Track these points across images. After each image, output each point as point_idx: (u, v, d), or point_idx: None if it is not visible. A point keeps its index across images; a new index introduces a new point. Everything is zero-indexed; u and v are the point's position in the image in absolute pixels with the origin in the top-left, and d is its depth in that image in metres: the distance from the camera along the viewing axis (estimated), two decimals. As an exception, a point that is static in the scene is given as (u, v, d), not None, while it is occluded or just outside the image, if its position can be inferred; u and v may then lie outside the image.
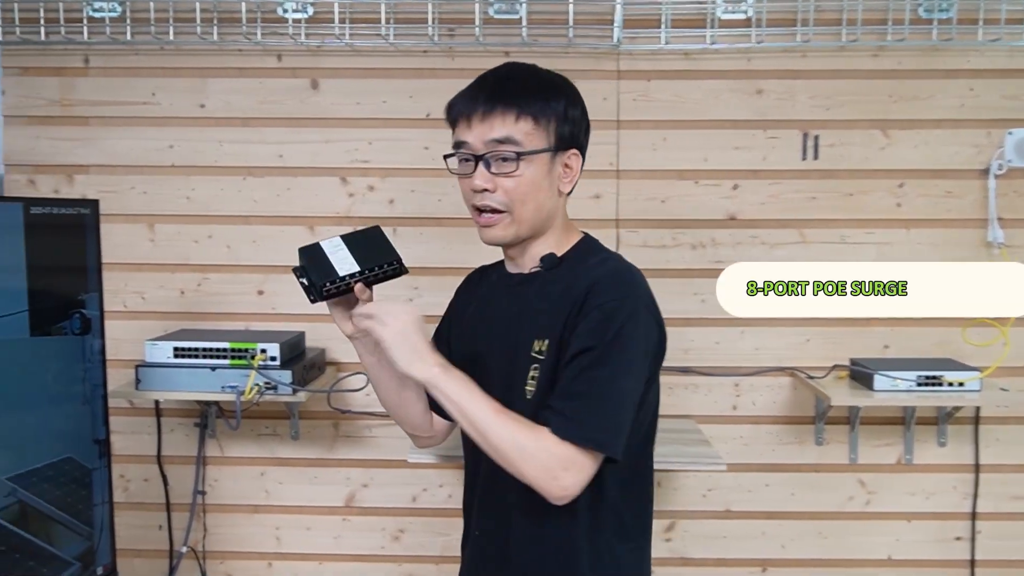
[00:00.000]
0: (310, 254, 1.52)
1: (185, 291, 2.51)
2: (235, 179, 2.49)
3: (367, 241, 1.57)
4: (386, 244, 1.57)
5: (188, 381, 2.19)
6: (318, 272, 1.49)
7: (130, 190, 2.50)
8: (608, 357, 1.41)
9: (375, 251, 1.54)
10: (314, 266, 1.50)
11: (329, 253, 1.53)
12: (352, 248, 1.54)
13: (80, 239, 1.95)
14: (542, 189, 1.49)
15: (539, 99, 1.48)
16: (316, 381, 2.33)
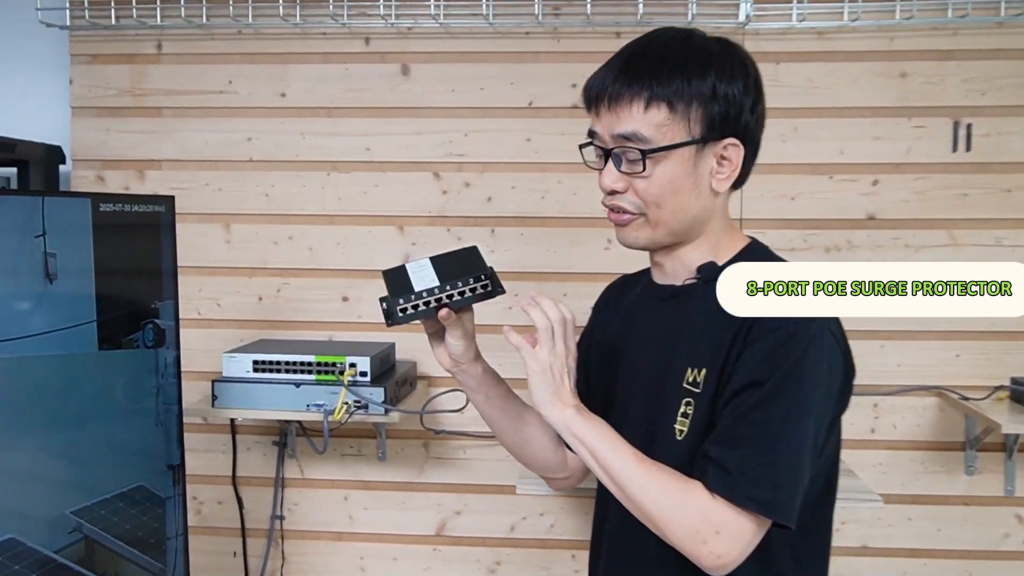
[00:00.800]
0: (392, 276, 1.37)
1: (263, 297, 2.30)
2: (318, 175, 2.27)
3: (457, 261, 1.39)
4: (478, 262, 1.37)
5: (270, 398, 1.97)
6: (394, 292, 1.32)
7: (204, 187, 2.29)
8: (782, 395, 1.15)
9: (462, 270, 1.35)
10: (393, 287, 1.34)
11: (411, 273, 1.36)
12: (439, 268, 1.36)
13: (154, 240, 1.74)
14: (683, 190, 1.24)
15: (677, 78, 1.21)
16: (408, 399, 2.11)
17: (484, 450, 2.28)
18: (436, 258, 1.38)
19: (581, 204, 2.21)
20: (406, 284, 1.33)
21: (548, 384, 1.25)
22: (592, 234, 2.22)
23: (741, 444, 1.15)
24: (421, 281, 1.33)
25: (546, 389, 1.25)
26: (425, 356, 2.24)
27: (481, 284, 1.33)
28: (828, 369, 1.18)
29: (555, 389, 1.25)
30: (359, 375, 1.97)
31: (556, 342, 1.26)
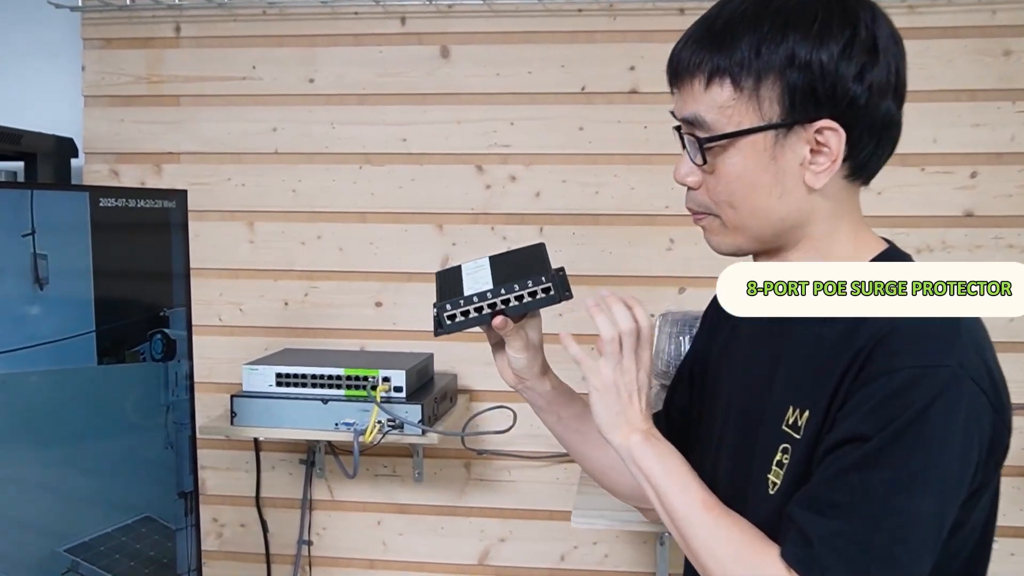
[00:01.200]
0: (445, 277, 1.21)
1: (290, 302, 2.10)
2: (350, 168, 2.07)
3: (520, 260, 1.20)
4: (542, 262, 1.18)
5: (294, 415, 1.77)
6: (444, 296, 1.15)
7: (226, 182, 2.10)
8: (889, 457, 0.89)
9: (523, 270, 1.16)
10: (444, 290, 1.18)
11: (466, 274, 1.20)
12: (497, 268, 1.19)
13: (164, 240, 1.54)
14: (760, 187, 0.98)
15: (743, 44, 0.95)
16: (447, 416, 1.89)
17: (532, 471, 2.06)
18: (497, 257, 1.21)
19: (640, 200, 1.99)
20: (458, 287, 1.15)
21: (612, 404, 1.06)
22: (652, 233, 1.99)
23: (831, 511, 0.90)
24: (475, 284, 1.15)
25: (609, 410, 1.06)
26: (467, 367, 2.04)
27: (542, 288, 1.13)
28: (964, 427, 0.90)
29: (620, 410, 1.06)
30: (393, 390, 1.77)
31: (625, 356, 1.06)
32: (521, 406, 1.99)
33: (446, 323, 1.13)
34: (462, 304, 1.12)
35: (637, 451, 1.04)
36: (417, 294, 2.05)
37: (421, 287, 2.04)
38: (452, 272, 1.20)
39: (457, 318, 1.13)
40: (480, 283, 1.14)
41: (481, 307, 1.12)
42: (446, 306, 1.13)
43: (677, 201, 1.81)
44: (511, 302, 1.12)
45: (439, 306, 1.13)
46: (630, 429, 1.05)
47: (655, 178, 1.98)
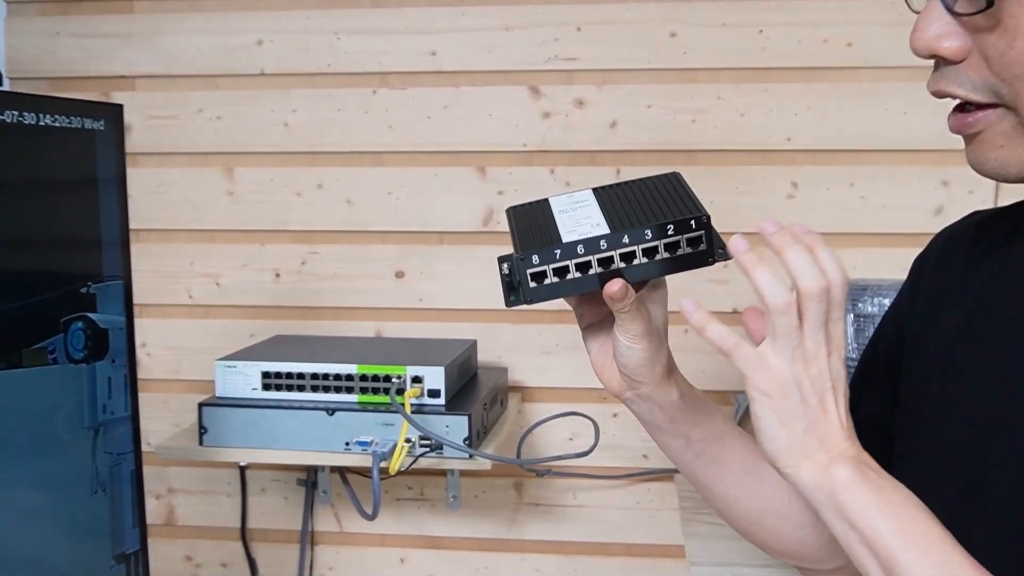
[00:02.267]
0: (524, 216, 0.83)
1: (282, 273, 1.59)
2: (360, 93, 1.55)
3: (642, 196, 0.81)
4: (682, 199, 0.79)
5: (288, 431, 1.26)
6: (527, 244, 0.77)
7: (197, 114, 1.58)
8: None
9: (650, 211, 0.78)
10: (525, 236, 0.79)
11: (559, 212, 0.82)
12: (609, 206, 0.80)
13: (88, 180, 1.03)
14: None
15: None
16: (498, 426, 1.39)
17: (604, 492, 1.56)
18: (605, 191, 0.82)
19: (753, 130, 1.47)
20: (548, 231, 0.78)
21: (793, 416, 0.68)
22: (770, 175, 1.47)
23: None
24: (575, 226, 0.78)
25: (790, 425, 0.68)
26: (518, 357, 1.53)
27: (689, 237, 0.75)
28: None
29: (809, 424, 0.68)
30: (427, 395, 1.26)
31: (809, 334, 0.68)
32: (601, 408, 1.58)
33: (529, 287, 0.76)
34: (558, 256, 0.75)
35: (845, 494, 0.66)
36: (451, 260, 1.54)
37: (456, 251, 1.53)
38: (536, 208, 0.82)
39: (548, 278, 0.75)
40: (587, 227, 0.77)
41: (588, 263, 0.75)
42: (533, 258, 0.75)
43: (803, 131, 1.28)
44: (636, 257, 0.75)
45: (522, 258, 0.75)
46: (828, 456, 0.67)
47: (773, 100, 1.46)
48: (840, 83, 1.45)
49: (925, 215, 1.44)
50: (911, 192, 1.45)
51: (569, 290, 0.76)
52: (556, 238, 0.75)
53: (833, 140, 1.45)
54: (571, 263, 0.74)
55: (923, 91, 0.71)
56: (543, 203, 0.82)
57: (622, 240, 0.74)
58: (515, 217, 0.82)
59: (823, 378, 0.67)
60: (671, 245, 0.74)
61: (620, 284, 0.73)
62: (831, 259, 0.67)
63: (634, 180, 0.81)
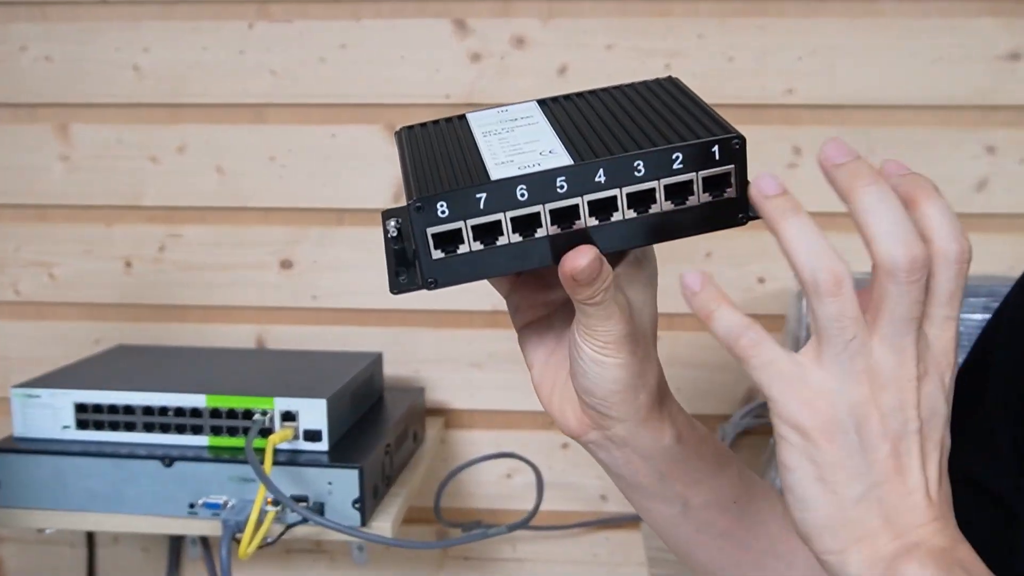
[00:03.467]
0: (427, 140, 0.51)
1: (134, 261, 1.22)
2: (232, 26, 1.18)
3: (628, 106, 0.51)
4: (694, 110, 0.49)
5: (110, 488, 0.91)
6: (428, 183, 0.46)
7: (19, 54, 1.20)
8: None
9: (647, 126, 0.47)
10: (424, 168, 0.48)
11: (484, 135, 0.50)
12: (569, 124, 0.50)
13: None
14: None
15: None
16: (410, 468, 1.04)
17: (550, 544, 1.23)
18: (557, 103, 0.54)
19: (744, 78, 1.14)
20: (466, 161, 0.48)
21: (843, 471, 0.41)
22: (768, 136, 1.15)
23: None
24: (512, 154, 0.48)
25: (834, 485, 0.41)
26: (441, 370, 1.19)
27: (708, 176, 0.46)
28: None
29: (868, 490, 0.41)
30: (303, 437, 0.91)
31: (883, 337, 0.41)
32: (548, 438, 1.23)
33: (432, 257, 0.47)
34: (483, 203, 0.46)
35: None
36: (353, 245, 1.19)
37: (359, 235, 1.18)
38: (446, 130, 0.53)
39: (464, 244, 0.47)
40: (530, 154, 0.48)
41: (535, 217, 0.46)
42: (438, 207, 0.46)
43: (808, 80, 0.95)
44: (617, 209, 0.47)
45: (418, 205, 0.46)
46: (897, 543, 0.40)
47: (770, 40, 1.12)
48: (855, 19, 1.11)
49: (964, 191, 1.11)
50: (946, 161, 1.12)
51: (501, 266, 0.47)
52: (479, 172, 0.46)
53: (846, 93, 1.12)
54: (505, 217, 0.46)
55: (961, 29, 0.42)
56: (458, 121, 0.53)
57: (594, 178, 0.45)
58: (409, 144, 0.52)
59: (905, 414, 0.41)
60: (677, 189, 0.46)
61: (590, 255, 0.45)
62: (943, 216, 0.41)
63: (604, 88, 0.54)
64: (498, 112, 0.53)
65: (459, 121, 0.53)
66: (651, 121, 0.48)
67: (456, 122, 0.53)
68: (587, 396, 0.50)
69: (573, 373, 0.50)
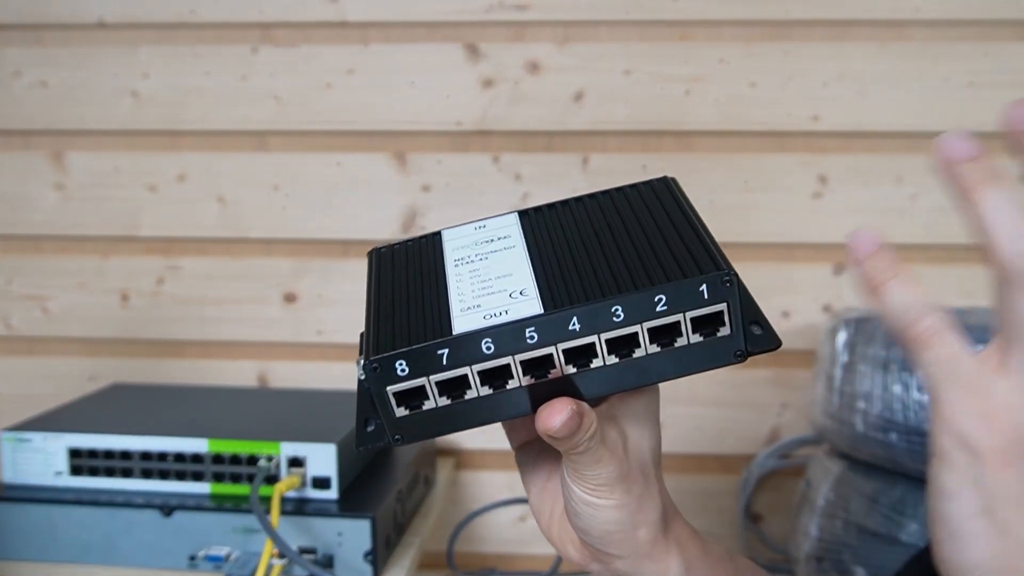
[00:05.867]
0: (394, 270, 0.50)
1: (132, 294, 1.17)
2: (235, 51, 1.14)
3: (612, 223, 0.47)
4: (685, 230, 0.45)
5: (106, 539, 0.85)
6: (387, 333, 0.43)
7: (13, 79, 1.16)
8: None
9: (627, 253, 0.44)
10: (386, 311, 0.45)
11: (455, 263, 0.48)
12: (547, 246, 0.47)
13: None
14: None
15: None
16: (421, 514, 0.99)
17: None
18: (537, 214, 0.50)
19: (767, 105, 1.09)
20: (430, 304, 0.45)
21: (1022, 509, 0.34)
22: (792, 165, 1.10)
23: None
24: (481, 293, 0.44)
25: (1006, 527, 0.34)
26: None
27: (696, 317, 0.42)
28: None
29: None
30: (311, 485, 0.85)
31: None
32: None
33: (396, 415, 0.44)
34: (445, 360, 0.42)
35: None
36: (358, 278, 1.13)
37: (366, 266, 1.12)
38: (417, 252, 0.51)
39: (429, 399, 0.43)
40: (500, 295, 0.44)
41: (505, 370, 0.43)
42: (397, 365, 0.42)
43: (834, 107, 0.90)
44: (596, 356, 0.43)
45: (375, 365, 0.42)
46: None
47: (795, 65, 1.08)
48: (884, 43, 1.07)
49: (998, 221, 1.07)
50: (979, 190, 1.07)
51: (472, 419, 0.44)
52: (442, 322, 0.43)
53: (874, 120, 1.08)
54: (471, 371, 0.42)
55: (994, 55, 0.39)
56: (431, 241, 0.51)
57: (568, 326, 0.42)
58: (378, 272, 0.50)
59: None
60: (663, 331, 0.42)
61: (564, 413, 0.41)
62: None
63: (591, 195, 0.50)
64: (475, 230, 0.50)
65: (433, 241, 0.50)
66: (636, 247, 0.44)
67: (430, 242, 0.50)
68: (582, 535, 0.46)
69: (567, 510, 0.46)
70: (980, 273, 0.53)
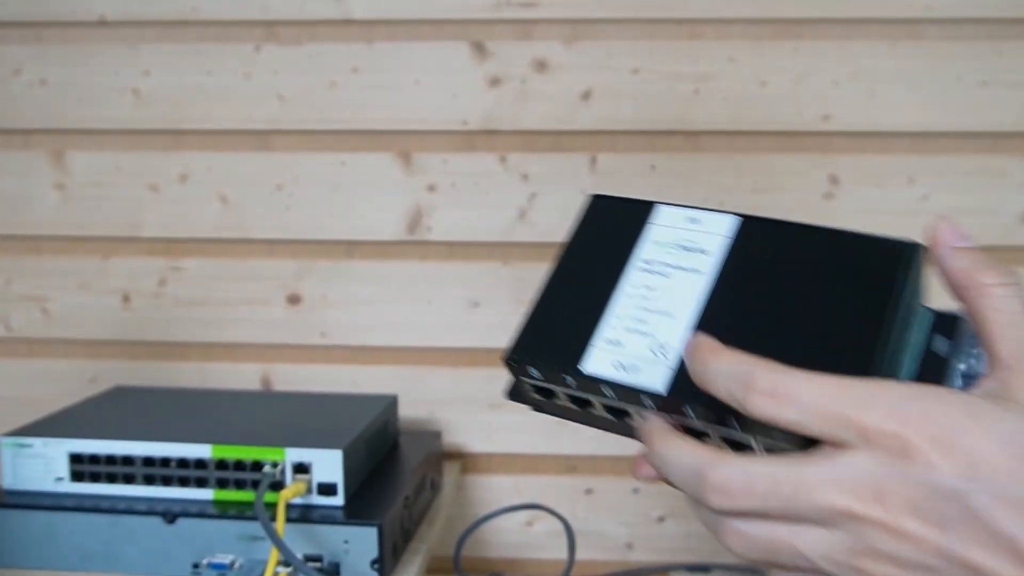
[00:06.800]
0: (592, 240, 0.48)
1: (133, 295, 1.16)
2: (238, 49, 1.12)
3: (815, 280, 0.46)
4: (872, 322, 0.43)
5: (108, 546, 0.84)
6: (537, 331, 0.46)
7: (13, 77, 1.14)
8: None
9: (805, 332, 0.42)
10: (551, 299, 0.47)
11: (635, 270, 0.47)
12: (735, 282, 0.45)
13: None
14: None
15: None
16: (428, 521, 0.97)
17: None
18: (759, 227, 0.48)
19: (777, 104, 1.08)
20: (584, 310, 0.46)
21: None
22: (803, 165, 1.08)
23: None
24: (636, 321, 0.45)
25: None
26: (457, 412, 1.12)
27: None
28: None
29: None
30: (316, 491, 0.84)
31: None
32: (570, 483, 1.12)
33: (533, 396, 0.48)
34: (573, 385, 0.45)
35: None
36: (363, 279, 1.13)
37: (371, 268, 1.12)
38: (614, 228, 0.49)
39: (560, 400, 0.47)
40: (645, 340, 0.44)
41: (623, 412, 0.45)
42: (530, 370, 0.46)
43: (845, 106, 0.88)
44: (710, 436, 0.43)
45: (514, 360, 0.46)
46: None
47: (805, 64, 1.07)
48: (896, 42, 1.06)
49: (1012, 221, 1.06)
50: (992, 190, 1.06)
51: (598, 425, 0.49)
52: (584, 339, 0.45)
53: (885, 119, 1.06)
54: (596, 400, 0.46)
55: (1008, 53, 0.39)
56: (642, 213, 0.50)
57: (683, 411, 0.42)
58: (579, 231, 0.50)
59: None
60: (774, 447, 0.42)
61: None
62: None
63: (825, 230, 0.50)
64: (686, 222, 0.48)
65: (644, 214, 0.50)
66: (819, 315, 0.43)
67: (640, 214, 0.50)
68: None
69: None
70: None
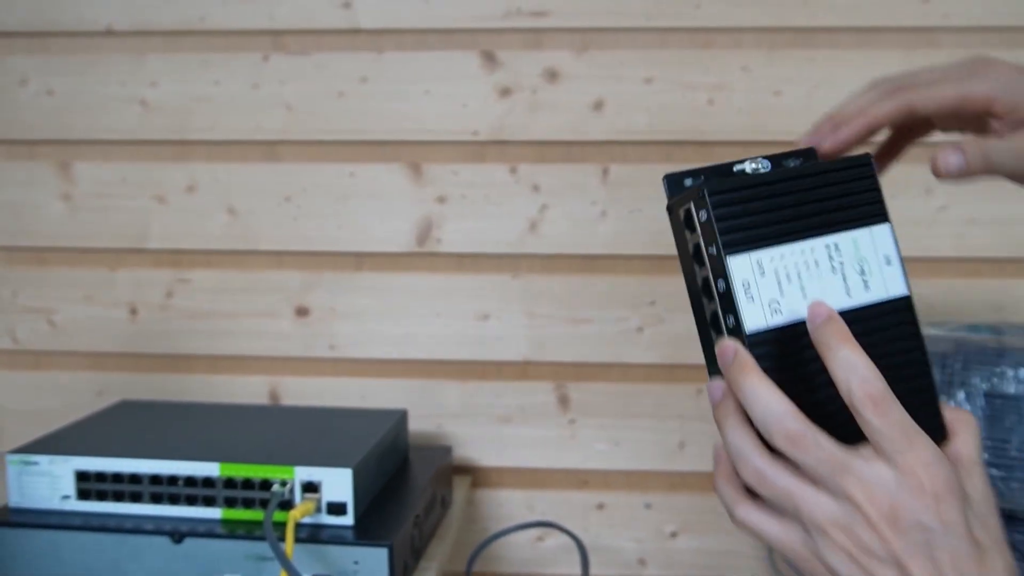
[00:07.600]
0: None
1: (140, 308, 1.15)
2: (246, 59, 1.11)
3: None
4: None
5: (114, 566, 0.83)
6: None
7: (19, 87, 1.13)
8: None
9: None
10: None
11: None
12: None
13: None
14: None
15: None
16: (438, 537, 0.96)
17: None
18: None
19: (793, 114, 1.06)
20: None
21: None
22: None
23: None
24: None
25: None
26: (467, 426, 1.11)
27: None
28: None
29: None
30: (326, 511, 0.83)
31: None
32: (582, 498, 1.15)
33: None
34: (720, 283, 0.52)
35: None
36: (372, 291, 1.11)
37: (380, 280, 1.10)
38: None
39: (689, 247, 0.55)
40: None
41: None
42: (714, 244, 0.52)
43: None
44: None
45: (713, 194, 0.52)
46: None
47: (820, 73, 1.05)
48: (911, 50, 1.04)
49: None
50: (1011, 201, 1.05)
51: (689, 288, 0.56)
52: (745, 241, 0.52)
53: (902, 129, 1.05)
54: (711, 280, 0.53)
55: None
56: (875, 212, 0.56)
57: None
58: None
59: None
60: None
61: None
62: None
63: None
64: (884, 258, 0.54)
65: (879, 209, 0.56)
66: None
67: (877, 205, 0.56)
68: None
69: None
70: (1010, 287, 0.51)
